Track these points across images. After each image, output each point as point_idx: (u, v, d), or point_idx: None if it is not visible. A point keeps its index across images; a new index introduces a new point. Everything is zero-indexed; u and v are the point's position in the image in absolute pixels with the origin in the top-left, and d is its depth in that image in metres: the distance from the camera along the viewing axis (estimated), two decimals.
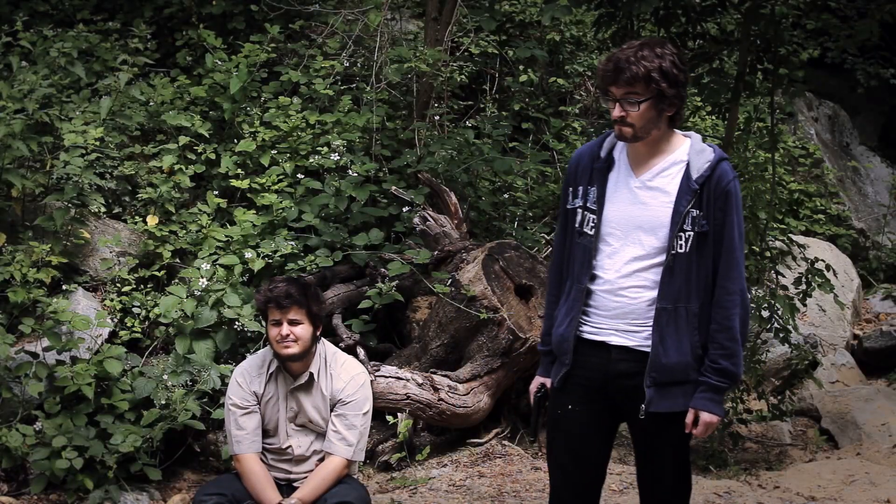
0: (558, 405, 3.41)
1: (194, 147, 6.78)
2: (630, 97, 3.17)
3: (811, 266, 6.45)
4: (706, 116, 9.69)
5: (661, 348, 3.22)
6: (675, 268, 3.21)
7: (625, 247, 3.27)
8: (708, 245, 3.22)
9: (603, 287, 3.30)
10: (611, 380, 3.31)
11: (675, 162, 3.26)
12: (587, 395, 3.35)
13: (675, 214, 3.21)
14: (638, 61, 3.14)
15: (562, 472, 3.45)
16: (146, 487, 5.50)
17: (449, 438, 6.07)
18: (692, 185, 3.21)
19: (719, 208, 3.22)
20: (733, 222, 3.23)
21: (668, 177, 3.26)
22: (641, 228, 3.25)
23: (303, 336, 4.06)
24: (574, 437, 3.39)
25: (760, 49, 6.37)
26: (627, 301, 3.27)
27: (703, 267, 3.23)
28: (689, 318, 3.22)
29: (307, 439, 4.18)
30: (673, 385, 3.24)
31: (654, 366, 3.23)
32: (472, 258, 6.24)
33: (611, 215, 3.30)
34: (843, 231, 9.89)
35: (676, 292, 3.21)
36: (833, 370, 7.87)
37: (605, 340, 3.30)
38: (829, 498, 5.44)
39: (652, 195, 3.26)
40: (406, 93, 7.68)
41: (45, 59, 6.53)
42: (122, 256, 6.21)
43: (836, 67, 9.36)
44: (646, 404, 3.23)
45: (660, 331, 3.22)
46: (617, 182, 3.32)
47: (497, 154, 7.42)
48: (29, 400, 5.41)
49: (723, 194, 3.22)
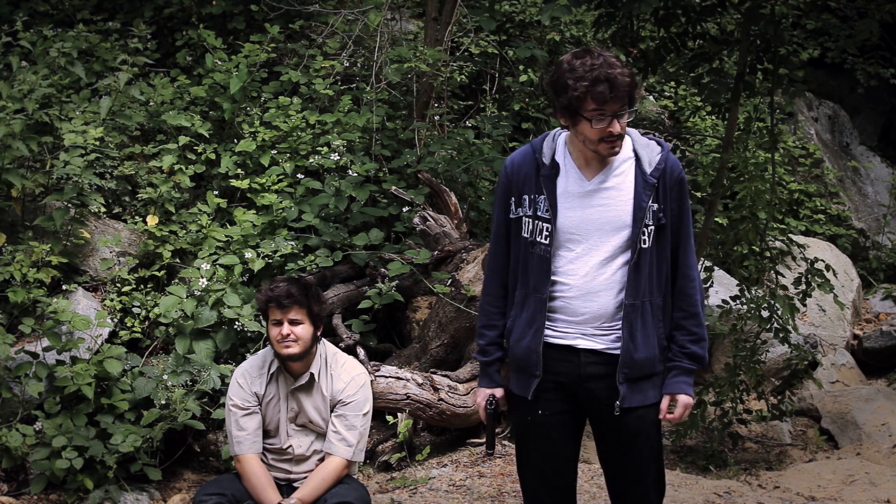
0: (528, 412, 3.37)
1: (194, 147, 6.78)
2: (623, 110, 3.17)
3: (811, 266, 6.45)
4: (706, 116, 9.70)
5: (632, 344, 3.24)
6: (641, 263, 3.23)
7: (589, 251, 3.25)
8: (666, 237, 3.26)
9: (569, 293, 3.27)
10: (581, 383, 3.31)
11: (624, 159, 3.27)
12: (557, 398, 3.34)
13: (638, 210, 3.21)
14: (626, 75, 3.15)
15: (541, 477, 3.43)
16: (146, 487, 5.50)
17: (449, 438, 6.07)
18: (649, 180, 3.23)
19: (675, 199, 3.26)
20: (688, 211, 3.30)
21: (620, 175, 3.26)
22: (603, 230, 3.24)
23: (303, 336, 4.06)
24: (548, 441, 3.38)
25: (760, 49, 6.37)
26: (599, 305, 3.26)
27: (664, 259, 3.28)
28: (654, 312, 3.26)
29: (307, 439, 4.18)
30: (642, 379, 3.28)
31: (626, 362, 3.24)
32: (472, 258, 6.24)
33: (567, 222, 3.26)
34: (843, 231, 9.89)
35: (643, 288, 3.24)
36: (833, 370, 7.87)
37: (573, 344, 3.29)
38: (829, 498, 5.44)
39: (609, 195, 3.25)
40: (406, 93, 7.68)
41: (45, 59, 6.54)
42: (122, 256, 6.21)
43: (836, 67, 9.37)
44: (620, 400, 3.24)
45: (629, 327, 3.24)
46: (567, 188, 3.28)
47: (497, 154, 7.42)
48: (29, 400, 5.41)
49: (677, 184, 3.27)
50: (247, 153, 6.81)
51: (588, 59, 3.15)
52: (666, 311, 3.29)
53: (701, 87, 6.32)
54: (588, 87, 3.11)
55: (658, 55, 6.42)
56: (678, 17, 6.31)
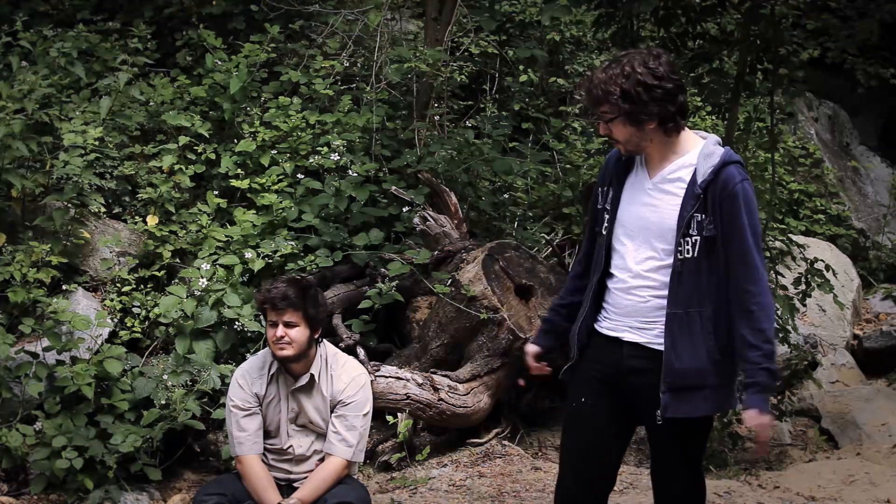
0: (573, 397, 3.46)
1: (194, 147, 6.78)
2: (604, 116, 3.23)
3: (811, 266, 6.45)
4: (706, 116, 9.69)
5: (674, 353, 3.22)
6: (684, 272, 3.21)
7: (638, 248, 3.30)
8: (716, 249, 3.21)
9: (617, 286, 3.34)
10: (623, 375, 3.34)
11: (685, 165, 3.27)
12: (600, 389, 3.39)
13: (680, 219, 3.22)
14: (600, 83, 3.18)
15: (570, 462, 3.47)
16: (146, 487, 5.50)
17: (449, 438, 6.07)
18: (696, 190, 3.21)
19: (726, 212, 3.19)
20: (744, 225, 3.19)
21: (677, 180, 3.27)
22: (651, 230, 3.27)
23: (297, 339, 4.04)
24: (586, 430, 3.42)
25: (760, 49, 6.36)
26: (637, 300, 3.30)
27: (715, 271, 3.22)
28: (704, 323, 3.22)
29: (308, 439, 4.18)
30: (690, 390, 3.23)
31: (668, 371, 3.23)
32: (472, 258, 6.24)
33: (623, 216, 3.33)
34: (843, 231, 9.88)
35: (687, 297, 3.21)
36: (833, 370, 7.86)
37: (619, 336, 3.35)
38: (829, 498, 5.44)
39: (661, 198, 3.27)
40: (406, 93, 7.68)
41: (45, 59, 6.53)
42: (122, 256, 6.21)
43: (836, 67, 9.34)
44: (662, 409, 3.24)
45: (671, 336, 3.23)
46: (633, 183, 3.34)
47: (497, 154, 7.42)
48: (29, 400, 5.41)
49: (729, 198, 3.19)
50: (247, 153, 6.80)
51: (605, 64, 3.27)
52: (719, 324, 3.23)
53: (701, 87, 6.32)
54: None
55: None
56: (678, 17, 6.31)
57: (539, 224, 7.55)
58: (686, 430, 3.30)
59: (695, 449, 3.41)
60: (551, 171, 8.37)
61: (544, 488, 5.38)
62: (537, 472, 5.62)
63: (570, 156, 8.59)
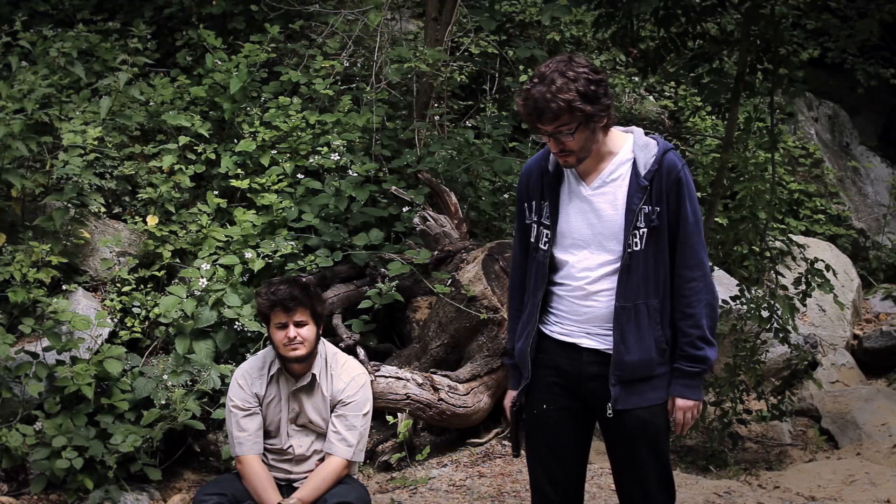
0: (532, 406, 3.43)
1: (194, 147, 6.78)
2: (561, 130, 3.15)
3: (811, 266, 6.45)
4: (706, 116, 9.69)
5: (623, 347, 3.24)
6: (632, 266, 3.22)
7: (592, 254, 3.27)
8: (662, 239, 3.23)
9: (574, 294, 3.31)
10: (582, 381, 3.33)
11: (622, 162, 3.26)
12: (560, 394, 3.37)
13: (628, 213, 3.22)
14: (555, 96, 3.10)
15: (543, 469, 3.46)
16: (146, 487, 5.50)
17: (449, 438, 6.08)
18: (641, 182, 3.21)
19: (672, 199, 3.22)
20: (687, 211, 3.24)
21: (618, 178, 3.26)
22: (603, 235, 3.26)
23: (309, 337, 4.07)
24: (551, 434, 3.41)
25: (760, 49, 6.37)
26: (598, 306, 3.28)
27: (661, 261, 3.25)
28: (651, 314, 3.24)
29: (308, 439, 4.19)
30: (638, 382, 3.26)
31: (617, 364, 3.25)
32: (472, 258, 6.24)
33: (568, 227, 3.30)
34: (843, 231, 9.89)
35: (635, 290, 3.22)
36: (833, 370, 7.86)
37: (577, 342, 3.33)
38: (829, 498, 5.44)
39: (606, 201, 3.26)
40: (406, 93, 7.68)
41: (45, 59, 6.54)
42: (122, 256, 6.21)
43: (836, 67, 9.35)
44: (612, 402, 3.25)
45: (620, 329, 3.24)
46: (569, 193, 3.31)
47: (497, 154, 7.42)
48: (29, 400, 5.41)
49: (674, 185, 3.22)
50: (247, 153, 6.81)
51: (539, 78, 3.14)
52: (665, 314, 3.27)
53: (701, 87, 6.32)
54: (523, 111, 3.18)
55: (658, 55, 6.42)
56: (678, 17, 6.31)
57: None
58: (642, 422, 3.29)
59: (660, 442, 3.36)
60: None
61: None
62: None
63: None
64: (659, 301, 3.25)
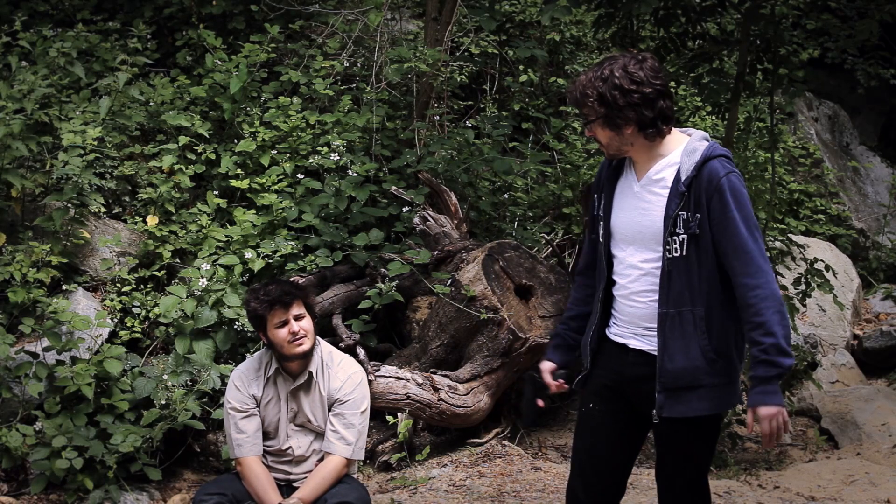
0: (583, 403, 3.47)
1: (194, 147, 6.78)
2: (586, 118, 3.23)
3: (811, 266, 6.45)
4: (706, 116, 9.69)
5: (666, 354, 3.21)
6: (673, 272, 3.19)
7: (635, 252, 3.28)
8: (705, 247, 3.16)
9: (620, 293, 3.34)
10: (627, 382, 3.33)
11: (669, 165, 3.24)
12: (608, 396, 3.39)
13: (665, 218, 3.19)
14: (579, 86, 3.19)
15: (577, 463, 3.49)
16: (146, 487, 5.50)
17: (449, 438, 6.07)
18: (680, 188, 3.18)
19: (714, 207, 3.14)
20: (735, 218, 3.12)
21: (661, 180, 3.24)
22: (644, 233, 3.25)
23: (309, 329, 4.12)
24: (591, 440, 3.42)
25: (760, 49, 6.37)
26: (640, 306, 3.29)
27: (706, 269, 3.17)
28: (697, 322, 3.17)
29: (307, 439, 4.18)
30: (684, 390, 3.21)
31: (661, 371, 3.22)
32: (472, 258, 6.24)
33: (617, 222, 3.32)
34: (843, 231, 9.89)
35: (678, 296, 3.18)
36: (833, 370, 7.86)
37: (626, 343, 3.34)
38: (829, 498, 5.44)
39: (650, 199, 3.25)
40: (406, 93, 7.68)
41: (45, 59, 6.53)
42: (122, 256, 6.21)
43: (836, 67, 9.36)
44: (657, 409, 3.23)
45: (663, 336, 3.21)
46: (623, 188, 3.33)
47: (497, 154, 7.42)
48: (29, 400, 5.41)
49: (716, 193, 3.13)
50: (247, 153, 6.81)
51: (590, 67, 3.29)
52: (712, 323, 3.18)
53: (701, 87, 6.32)
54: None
55: (658, 55, 6.42)
56: (678, 17, 6.32)
57: (539, 224, 7.55)
58: (686, 431, 3.27)
59: (699, 454, 3.35)
60: (551, 171, 8.38)
61: (544, 488, 5.38)
62: (537, 472, 5.62)
63: (570, 156, 8.60)
64: (705, 309, 3.18)
